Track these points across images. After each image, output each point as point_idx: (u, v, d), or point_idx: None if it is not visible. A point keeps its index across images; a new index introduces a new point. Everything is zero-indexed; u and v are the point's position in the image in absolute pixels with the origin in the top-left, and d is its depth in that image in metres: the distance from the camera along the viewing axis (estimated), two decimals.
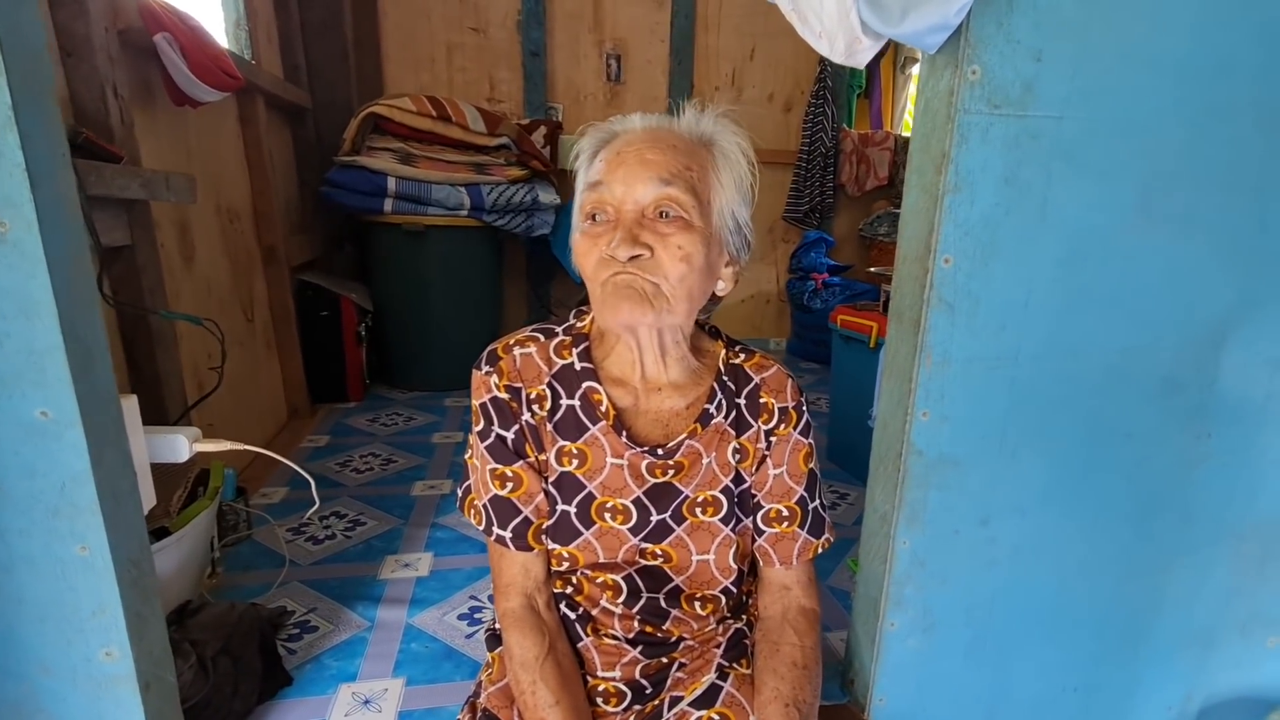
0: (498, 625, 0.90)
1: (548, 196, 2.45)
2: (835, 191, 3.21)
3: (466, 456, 0.81)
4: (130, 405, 0.72)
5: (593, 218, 0.70)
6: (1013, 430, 0.87)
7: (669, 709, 0.79)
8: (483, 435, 0.77)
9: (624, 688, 0.79)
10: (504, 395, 0.76)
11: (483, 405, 0.77)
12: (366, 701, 0.99)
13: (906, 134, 3.19)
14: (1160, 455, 0.94)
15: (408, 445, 2.01)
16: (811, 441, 0.84)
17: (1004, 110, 0.75)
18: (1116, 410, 0.90)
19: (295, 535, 1.46)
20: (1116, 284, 0.85)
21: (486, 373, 0.77)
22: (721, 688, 0.79)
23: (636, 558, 0.79)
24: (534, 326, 0.82)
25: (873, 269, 1.88)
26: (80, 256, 0.65)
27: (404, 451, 1.96)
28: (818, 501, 0.83)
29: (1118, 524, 0.96)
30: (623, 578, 0.78)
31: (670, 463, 0.79)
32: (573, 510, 0.78)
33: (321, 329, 2.30)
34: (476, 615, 1.21)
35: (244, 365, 1.90)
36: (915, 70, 3.37)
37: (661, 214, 0.68)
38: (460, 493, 0.82)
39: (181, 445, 0.80)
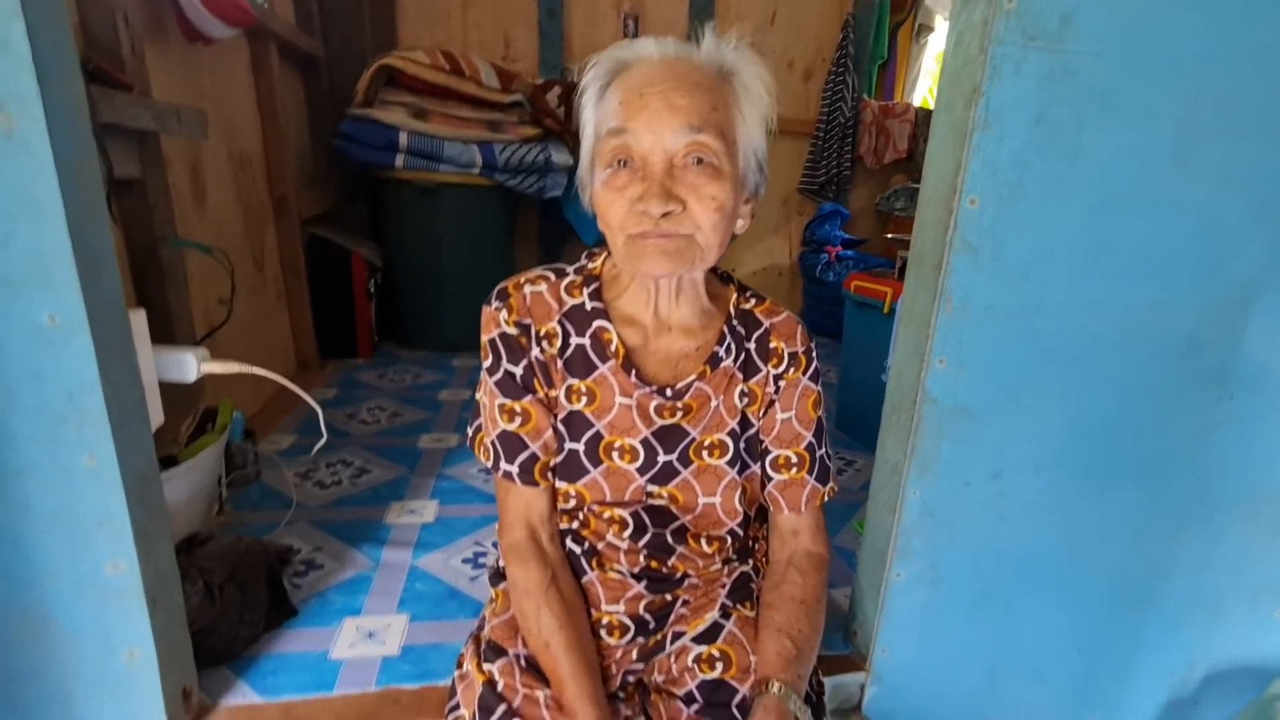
0: (502, 562, 0.90)
1: (561, 157, 2.42)
2: (853, 163, 3.15)
3: (478, 395, 0.80)
4: (139, 319, 0.72)
5: (618, 162, 0.67)
6: (1030, 383, 0.85)
7: (671, 643, 0.79)
8: (491, 371, 0.77)
9: (627, 621, 0.79)
10: (513, 331, 0.76)
11: (491, 341, 0.76)
12: (370, 635, 1.00)
13: (926, 108, 3.12)
14: (1179, 417, 0.92)
15: (415, 400, 2.01)
16: (820, 389, 0.83)
17: (1039, 43, 0.72)
18: (1137, 368, 0.88)
19: (303, 479, 1.47)
20: (1145, 235, 0.82)
21: (496, 308, 0.76)
22: (724, 626, 0.79)
23: (643, 497, 0.79)
24: (545, 266, 0.81)
25: (891, 235, 1.84)
26: (88, 162, 0.64)
27: (411, 406, 1.97)
28: (824, 449, 0.82)
29: (1132, 486, 0.94)
30: (629, 513, 0.78)
31: (679, 404, 0.78)
32: (581, 448, 0.78)
33: (331, 284, 2.29)
34: (480, 560, 1.22)
35: (254, 314, 1.90)
36: (931, 40, 3.29)
37: (696, 160, 0.65)
38: (471, 431, 0.82)
39: (190, 364, 0.79)
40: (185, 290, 1.37)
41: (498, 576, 0.89)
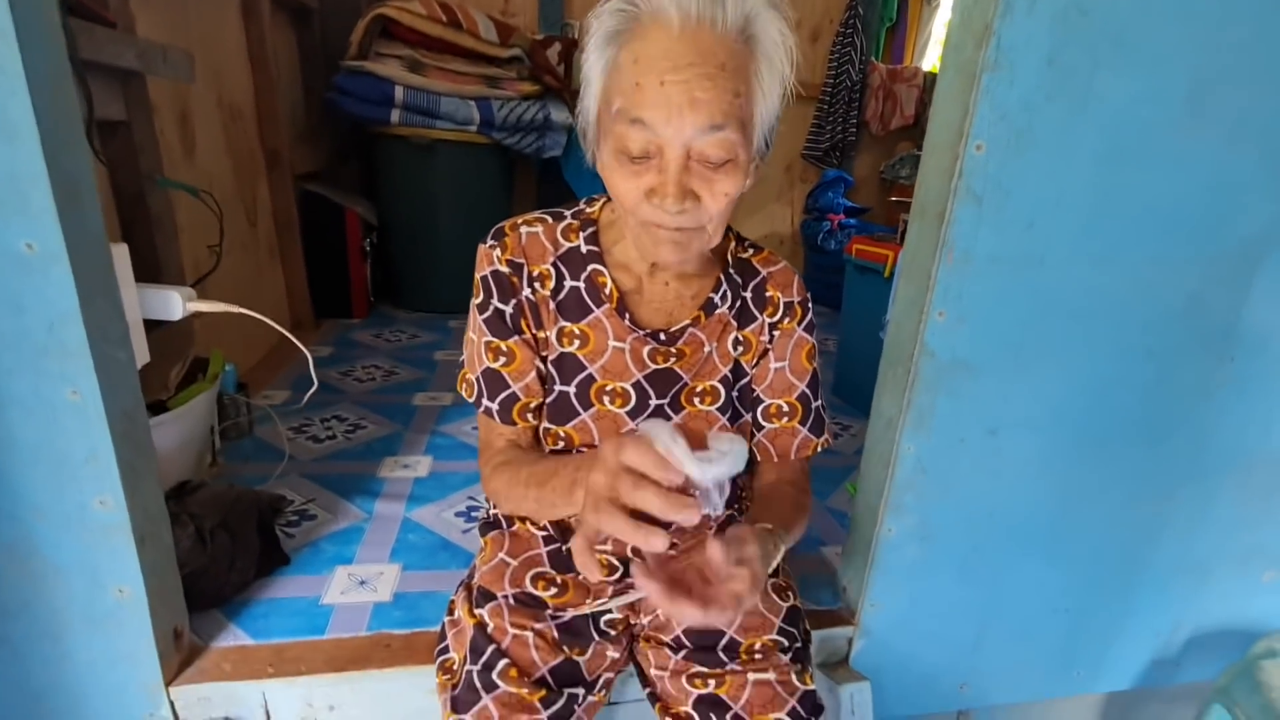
0: (490, 513, 0.90)
1: (560, 115, 2.36)
2: (858, 129, 3.10)
3: (466, 334, 0.79)
4: (120, 252, 0.70)
5: (632, 151, 0.63)
6: (1031, 339, 0.84)
7: None
8: (481, 308, 0.76)
9: (614, 560, 0.80)
10: (505, 269, 0.75)
11: (484, 278, 0.76)
12: (363, 582, 1.00)
13: (935, 73, 3.06)
14: (1179, 376, 0.91)
15: (410, 360, 2.00)
16: (815, 341, 0.82)
17: None
18: (1139, 326, 0.87)
19: (296, 433, 1.46)
20: (1154, 188, 0.80)
21: (490, 246, 0.75)
22: None
23: None
24: (543, 210, 0.80)
25: (895, 199, 1.82)
26: (64, 86, 0.61)
27: (406, 365, 1.95)
28: (819, 401, 0.82)
29: (1128, 445, 0.94)
30: None
31: (672, 349, 0.78)
32: (572, 391, 0.77)
33: (325, 242, 2.26)
34: (473, 513, 1.22)
35: (247, 270, 1.87)
36: (942, 2, 3.20)
37: (714, 156, 0.62)
38: (460, 371, 0.81)
39: (175, 302, 0.78)
40: (175, 237, 1.34)
41: (487, 526, 0.89)
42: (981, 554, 0.97)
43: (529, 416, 0.78)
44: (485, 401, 0.77)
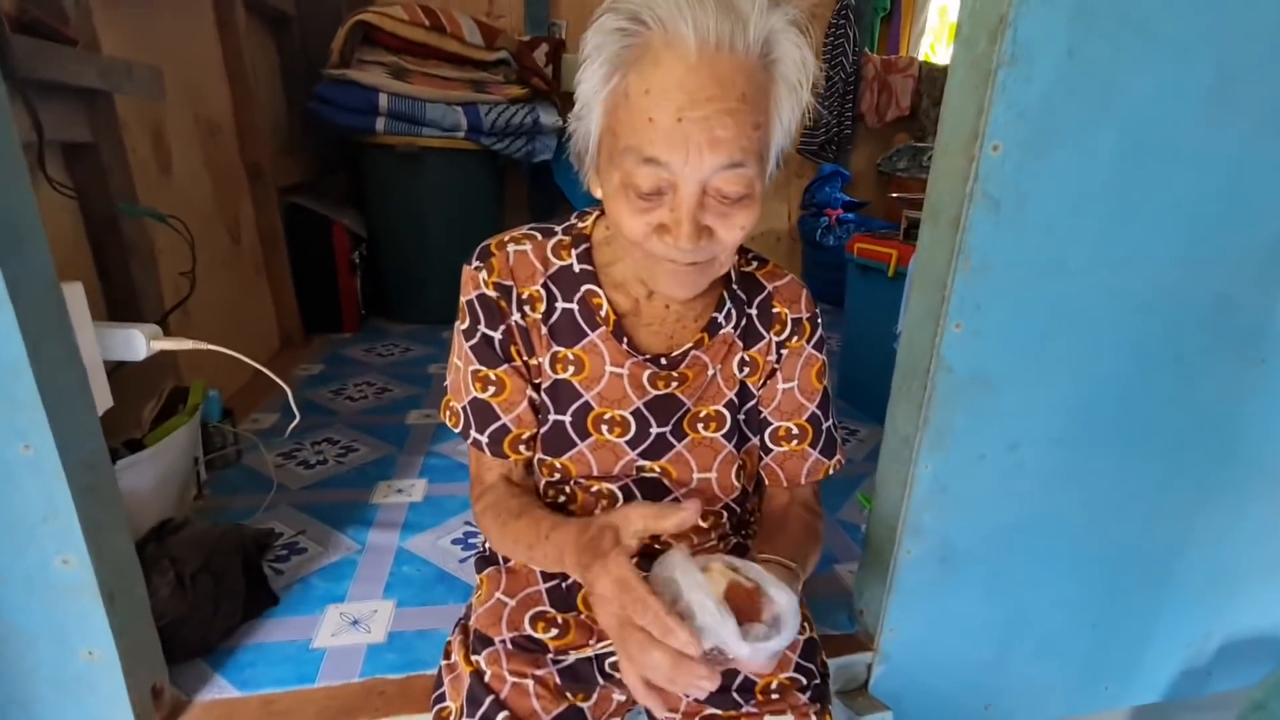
0: (485, 547, 0.85)
1: (550, 118, 2.31)
2: (854, 122, 3.04)
3: (451, 358, 0.74)
4: (74, 292, 0.65)
5: (642, 189, 0.57)
6: (1051, 349, 0.79)
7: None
8: (468, 334, 0.71)
9: None
10: (492, 293, 0.70)
11: (469, 302, 0.71)
12: (355, 622, 0.96)
13: (930, 63, 3.00)
14: (1208, 382, 0.86)
15: (404, 375, 1.95)
16: (825, 358, 0.77)
17: None
18: (1165, 330, 0.82)
19: (285, 460, 1.41)
20: (1179, 185, 0.75)
21: (476, 268, 0.70)
22: None
23: (634, 471, 0.74)
24: (532, 225, 0.75)
25: (895, 194, 1.77)
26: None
27: (400, 381, 1.90)
28: (830, 421, 0.77)
29: (1154, 457, 0.89)
30: (619, 488, 0.73)
31: (674, 374, 0.73)
32: (568, 420, 0.72)
33: (313, 256, 2.21)
34: (471, 540, 1.17)
35: (232, 289, 1.82)
36: None
37: (731, 191, 0.57)
38: (445, 400, 0.76)
39: (138, 341, 0.73)
40: (153, 264, 1.29)
41: (483, 561, 0.85)
42: (1004, 572, 0.92)
43: (521, 449, 0.73)
44: (474, 434, 0.72)
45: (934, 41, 3.33)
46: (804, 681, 0.74)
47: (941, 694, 0.98)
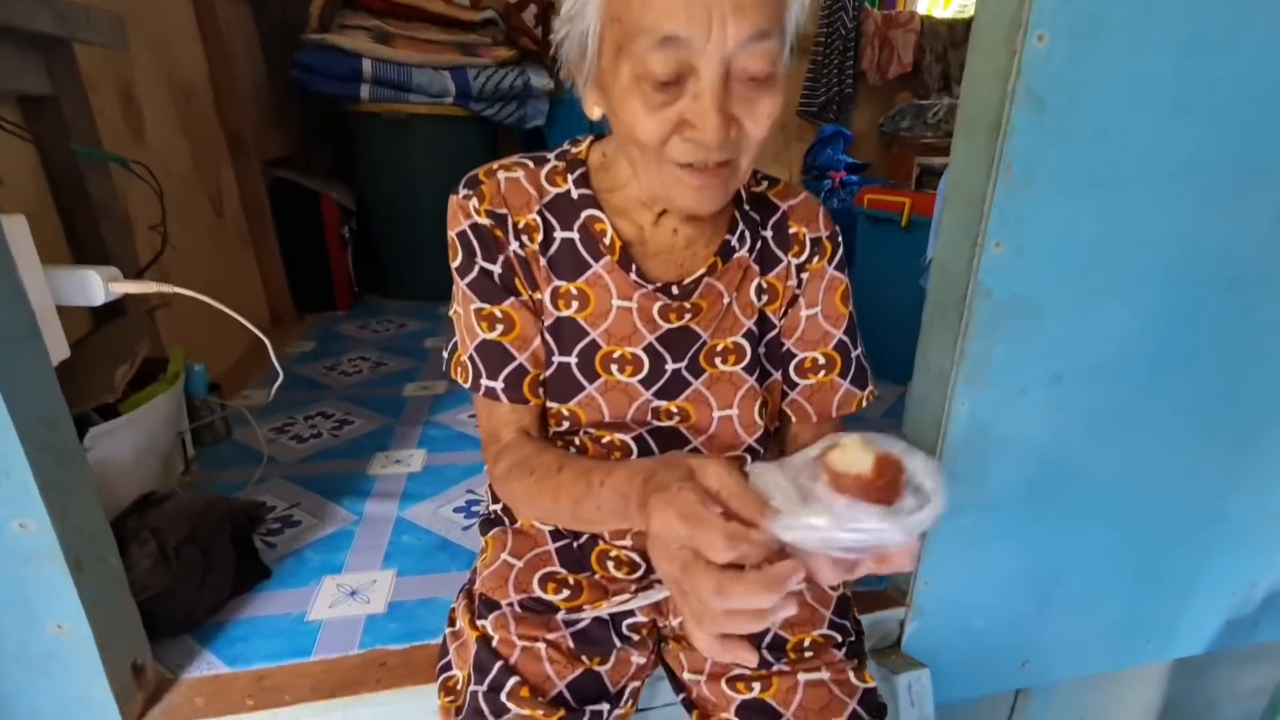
0: (493, 506, 0.79)
1: (541, 81, 2.22)
2: (855, 80, 2.95)
3: (451, 310, 0.67)
4: (16, 227, 0.58)
5: (659, 76, 0.50)
6: (1098, 268, 0.72)
7: None
8: (463, 270, 0.64)
9: (636, 557, 0.69)
10: (486, 222, 0.63)
11: (461, 234, 0.64)
12: (353, 593, 0.90)
13: (931, 18, 2.90)
14: (1265, 306, 0.80)
15: (399, 349, 1.89)
16: (848, 281, 0.71)
17: None
18: (1220, 249, 0.75)
19: (278, 434, 1.35)
20: (1244, 81, 0.68)
21: (465, 196, 0.64)
22: None
23: (649, 417, 0.67)
24: (521, 155, 0.68)
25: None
26: None
27: (395, 355, 1.84)
28: (859, 349, 0.71)
29: (1207, 386, 0.83)
30: (633, 438, 0.67)
31: (686, 304, 0.66)
32: (573, 361, 0.66)
33: (301, 232, 2.13)
34: (474, 508, 1.12)
35: (217, 263, 1.74)
36: None
37: (757, 72, 0.50)
38: (447, 354, 0.70)
39: (93, 284, 0.66)
40: (127, 227, 1.22)
41: (488, 524, 0.79)
42: (1044, 519, 0.86)
43: (540, 392, 0.66)
44: (486, 381, 0.64)
45: None
46: (838, 639, 0.69)
47: (977, 650, 0.92)
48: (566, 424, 0.68)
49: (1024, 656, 0.96)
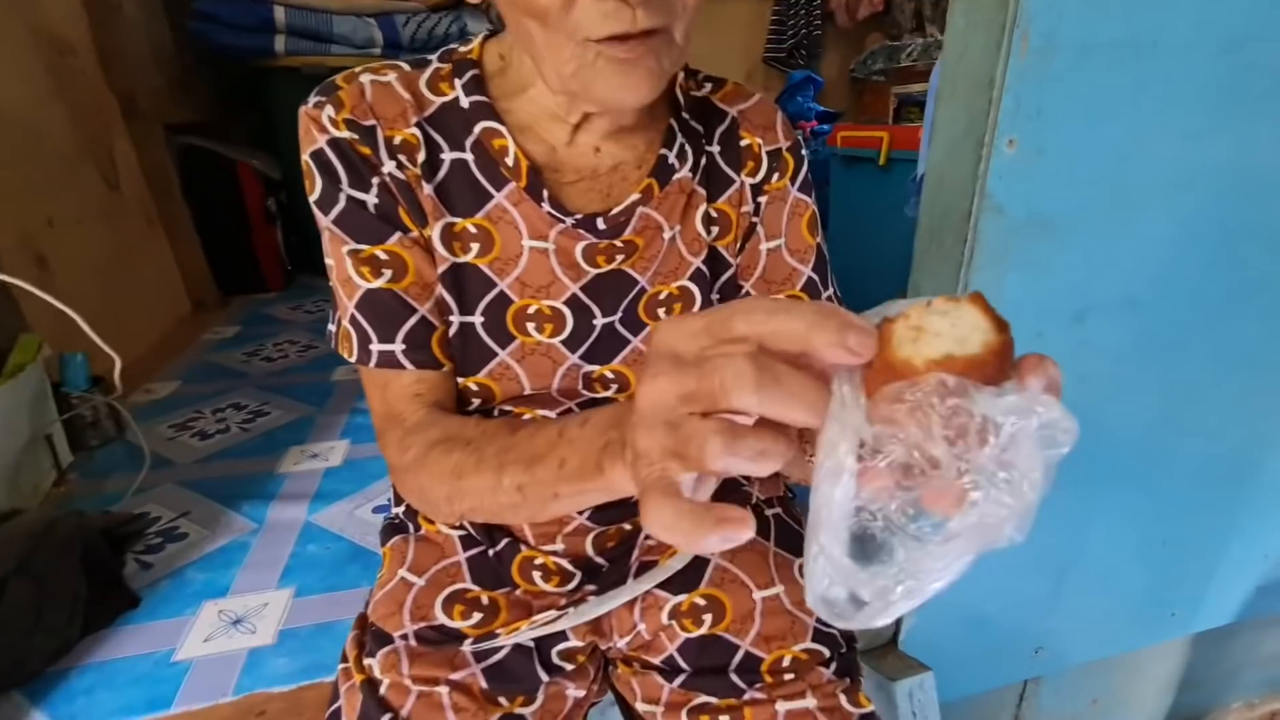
0: (396, 509, 0.64)
1: (478, 27, 2.01)
2: (823, 22, 2.76)
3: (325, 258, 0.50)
4: None
5: None
6: (1133, 171, 0.57)
7: (634, 577, 0.55)
8: (325, 203, 0.48)
9: (568, 565, 0.54)
10: (347, 134, 0.46)
11: (317, 155, 0.47)
12: (237, 621, 0.74)
13: None
14: None
15: None
16: (814, 204, 0.55)
17: None
18: (1277, 138, 0.61)
19: (179, 431, 1.18)
20: None
21: (316, 105, 0.47)
22: (708, 559, 0.55)
23: (579, 387, 0.52)
24: (399, 58, 0.52)
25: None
26: None
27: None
28: (831, 289, 0.56)
29: (1253, 317, 0.69)
30: (560, 413, 0.52)
31: (617, 242, 0.51)
32: (478, 321, 0.50)
33: (220, 205, 1.92)
34: None
35: (114, 243, 1.53)
36: None
37: None
38: (332, 328, 0.52)
39: None
40: None
41: (390, 530, 0.64)
42: (1061, 485, 0.71)
43: (451, 354, 0.50)
44: (378, 346, 0.47)
45: None
46: (825, 653, 0.55)
47: (985, 642, 0.79)
48: (476, 401, 0.52)
49: (1036, 643, 0.83)
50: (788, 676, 0.53)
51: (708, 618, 0.54)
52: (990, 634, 0.79)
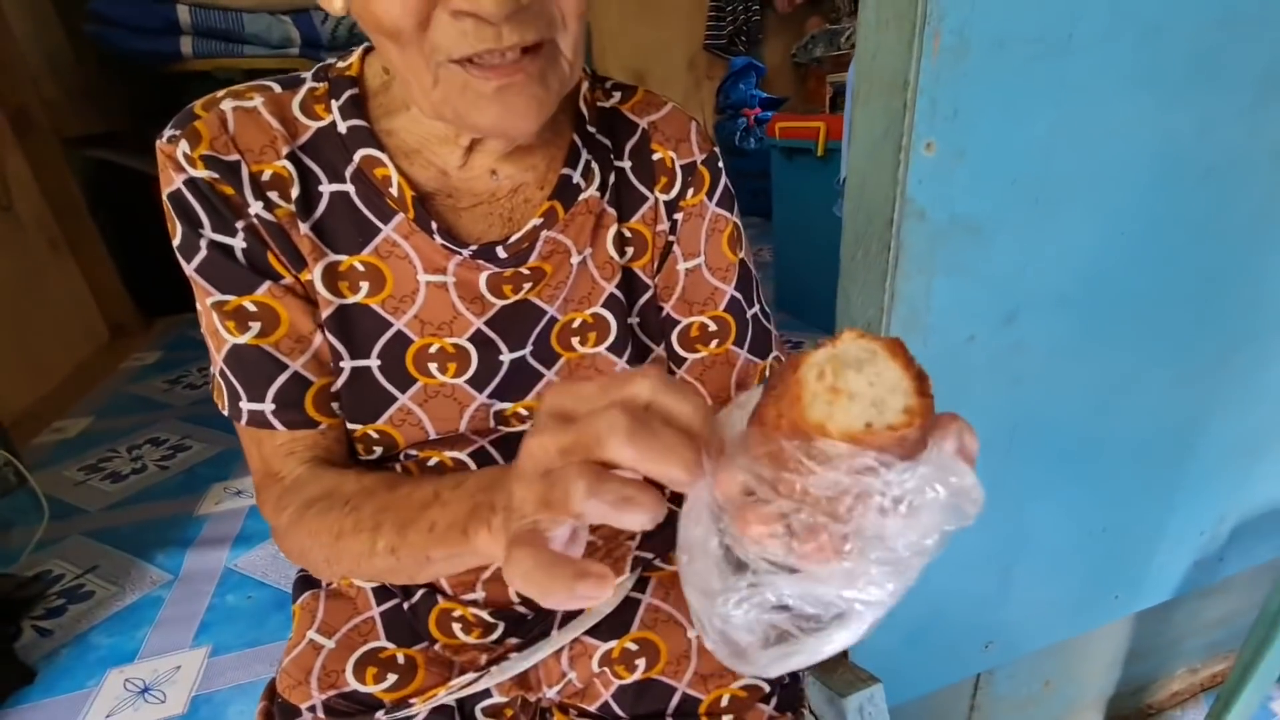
0: (294, 566, 0.59)
1: None
2: (761, 9, 2.74)
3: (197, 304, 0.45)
4: None
5: None
6: (1056, 170, 0.56)
7: (559, 628, 0.52)
8: (186, 251, 0.43)
9: (487, 616, 0.51)
10: (205, 174, 0.41)
11: (175, 197, 0.42)
12: (145, 690, 0.68)
13: None
14: (1248, 194, 0.65)
15: None
16: (737, 220, 0.52)
17: None
18: (1197, 129, 0.60)
19: (89, 474, 1.09)
20: None
21: (170, 139, 0.42)
22: (639, 600, 0.53)
23: (493, 424, 0.48)
24: (268, 79, 0.46)
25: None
26: None
27: None
28: (757, 306, 0.53)
29: (1179, 303, 0.69)
30: (470, 454, 0.48)
31: (523, 269, 0.47)
32: (374, 364, 0.46)
33: (134, 222, 1.80)
34: None
35: (10, 270, 1.42)
36: None
37: None
38: (213, 371, 0.47)
39: None
40: None
41: (302, 585, 0.59)
42: (1002, 484, 0.71)
43: (334, 407, 0.46)
44: (247, 404, 0.43)
45: None
46: (766, 688, 0.52)
47: (936, 642, 0.79)
48: (379, 450, 0.48)
49: (987, 638, 0.83)
50: (726, 718, 0.50)
51: (641, 662, 0.52)
52: (941, 634, 0.79)
